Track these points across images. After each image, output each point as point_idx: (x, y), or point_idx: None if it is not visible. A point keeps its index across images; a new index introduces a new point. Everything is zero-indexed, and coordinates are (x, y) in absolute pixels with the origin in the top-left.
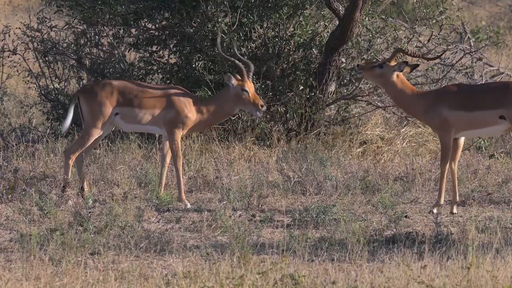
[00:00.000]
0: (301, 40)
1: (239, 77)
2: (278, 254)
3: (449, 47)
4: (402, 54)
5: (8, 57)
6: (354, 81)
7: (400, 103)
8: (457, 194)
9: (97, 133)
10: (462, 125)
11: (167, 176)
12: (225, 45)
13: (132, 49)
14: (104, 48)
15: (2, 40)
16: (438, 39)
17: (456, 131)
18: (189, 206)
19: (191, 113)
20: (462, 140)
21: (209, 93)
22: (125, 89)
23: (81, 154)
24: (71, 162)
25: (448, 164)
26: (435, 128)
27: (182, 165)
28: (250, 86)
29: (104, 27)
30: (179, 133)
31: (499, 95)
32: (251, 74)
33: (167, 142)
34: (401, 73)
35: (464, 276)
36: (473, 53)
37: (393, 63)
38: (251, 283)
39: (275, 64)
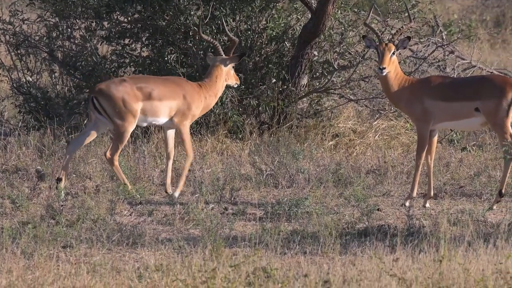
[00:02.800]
0: (274, 33)
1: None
2: (250, 247)
3: (421, 40)
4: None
5: None
6: (326, 74)
7: (390, 88)
8: (432, 189)
9: (131, 127)
10: (441, 116)
11: (139, 170)
12: (197, 37)
13: (105, 42)
14: (76, 41)
15: None
16: (411, 32)
17: (434, 122)
18: (177, 194)
19: (199, 103)
20: (436, 136)
21: None
22: (141, 83)
23: (74, 146)
24: (117, 164)
25: (423, 157)
26: (414, 119)
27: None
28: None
29: (76, 20)
30: (189, 124)
31: (474, 87)
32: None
33: (172, 136)
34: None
35: (436, 269)
36: (445, 46)
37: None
38: (223, 276)
39: (247, 57)
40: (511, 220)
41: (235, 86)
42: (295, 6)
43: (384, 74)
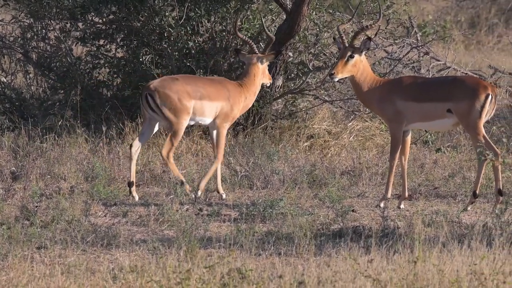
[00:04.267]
0: (249, 34)
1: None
2: (225, 248)
3: (396, 41)
4: (364, 34)
5: None
6: (301, 75)
7: (360, 89)
8: (406, 190)
9: (185, 125)
10: (413, 117)
11: (114, 171)
12: (172, 39)
13: (79, 43)
14: (51, 42)
15: None
16: (385, 33)
17: (407, 123)
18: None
19: (240, 104)
20: (409, 136)
21: None
22: (193, 83)
23: (136, 148)
24: (172, 161)
25: (397, 158)
26: (386, 120)
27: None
28: None
29: (51, 21)
30: (228, 126)
31: (447, 88)
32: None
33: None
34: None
35: (410, 270)
36: (420, 47)
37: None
38: (198, 277)
39: (222, 58)
40: (486, 221)
41: (268, 85)
42: (270, 7)
43: (335, 80)
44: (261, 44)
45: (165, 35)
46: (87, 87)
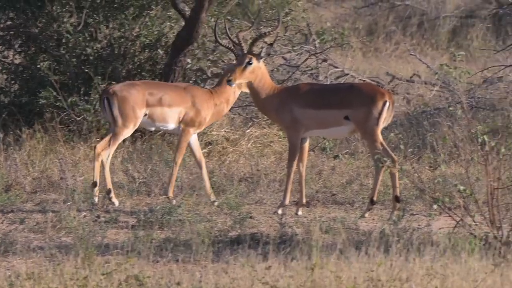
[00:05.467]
0: (147, 40)
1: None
2: (122, 255)
3: (294, 48)
4: (263, 40)
5: None
6: (199, 81)
7: (258, 97)
8: (304, 197)
9: (127, 134)
10: (311, 124)
11: (11, 177)
12: (70, 45)
13: None
14: None
15: None
16: (284, 40)
17: (304, 130)
18: (174, 202)
19: (208, 111)
20: (307, 143)
21: (54, 93)
22: (153, 89)
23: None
24: (100, 160)
25: (295, 165)
26: (284, 127)
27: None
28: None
29: None
30: (192, 132)
31: (344, 95)
32: None
33: (197, 143)
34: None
35: (308, 277)
36: (318, 54)
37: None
38: (95, 284)
39: (120, 64)
40: (383, 228)
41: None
42: (168, 14)
43: (232, 86)
44: (159, 50)
45: (63, 41)
46: None
